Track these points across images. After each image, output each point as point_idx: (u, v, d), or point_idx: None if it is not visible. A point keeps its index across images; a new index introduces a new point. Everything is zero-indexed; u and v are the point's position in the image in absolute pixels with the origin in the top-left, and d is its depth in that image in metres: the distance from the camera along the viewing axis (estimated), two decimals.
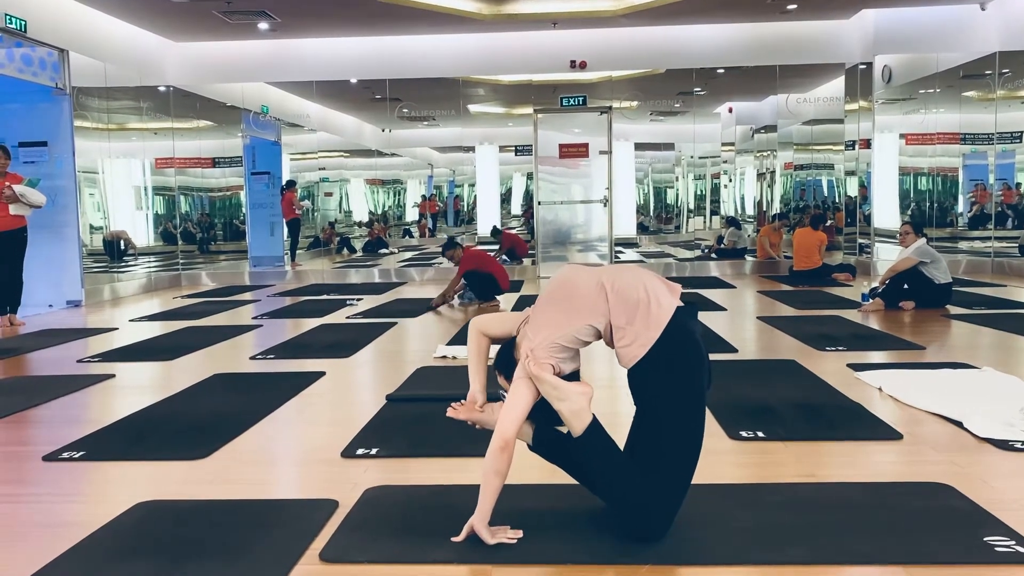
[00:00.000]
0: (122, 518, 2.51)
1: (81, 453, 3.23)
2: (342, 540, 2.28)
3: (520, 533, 2.24)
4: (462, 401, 2.40)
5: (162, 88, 10.89)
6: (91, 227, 9.41)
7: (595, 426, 2.20)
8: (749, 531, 2.29)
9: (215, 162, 11.68)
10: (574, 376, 2.28)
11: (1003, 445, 3.04)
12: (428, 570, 2.11)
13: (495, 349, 2.44)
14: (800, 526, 2.32)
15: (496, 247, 11.36)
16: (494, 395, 2.45)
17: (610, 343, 2.26)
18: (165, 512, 2.56)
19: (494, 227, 11.93)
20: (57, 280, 8.84)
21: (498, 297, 8.04)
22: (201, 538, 2.34)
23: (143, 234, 10.74)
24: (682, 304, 2.25)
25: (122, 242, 10.07)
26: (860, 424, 3.41)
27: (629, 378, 2.25)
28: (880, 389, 3.99)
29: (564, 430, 2.27)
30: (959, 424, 3.31)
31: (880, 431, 3.30)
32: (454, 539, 2.22)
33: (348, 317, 7.24)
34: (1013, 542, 2.17)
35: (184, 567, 2.13)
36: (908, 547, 2.16)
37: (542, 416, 2.29)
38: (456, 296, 7.92)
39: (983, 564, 2.07)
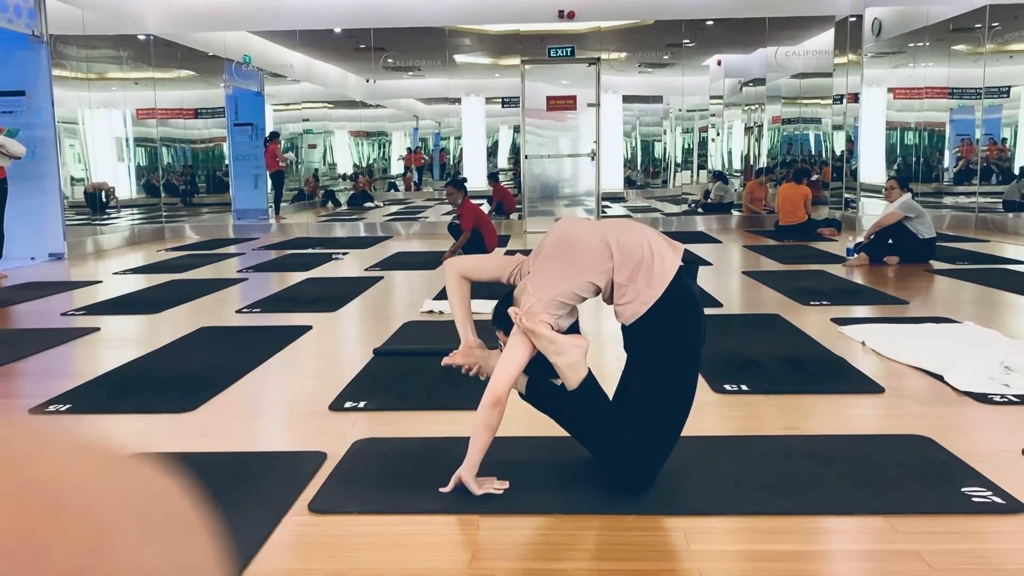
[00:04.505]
0: None
1: (68, 406, 3.23)
2: (331, 491, 2.31)
3: (507, 484, 2.26)
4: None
5: (142, 37, 10.66)
6: (72, 179, 9.28)
7: (590, 380, 2.22)
8: (733, 482, 2.32)
9: (197, 113, 11.50)
10: (573, 328, 2.29)
11: (982, 398, 3.09)
12: (416, 520, 2.14)
13: (479, 305, 2.44)
14: (783, 478, 2.36)
15: (486, 199, 11.28)
16: (490, 347, 2.46)
17: (608, 300, 2.27)
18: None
19: (492, 173, 11.81)
20: (39, 232, 8.73)
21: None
22: (189, 490, 2.35)
23: (125, 186, 10.60)
24: (683, 263, 2.25)
25: (104, 194, 9.94)
26: (843, 378, 3.45)
27: (625, 334, 2.26)
28: (863, 343, 4.03)
29: (558, 383, 2.29)
30: (940, 378, 3.35)
31: (862, 384, 3.34)
32: (442, 490, 2.24)
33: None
34: (990, 492, 2.21)
35: None
36: (888, 498, 2.21)
37: (537, 369, 2.30)
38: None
39: (961, 514, 2.11)
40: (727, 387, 3.28)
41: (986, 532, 2.04)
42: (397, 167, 12.89)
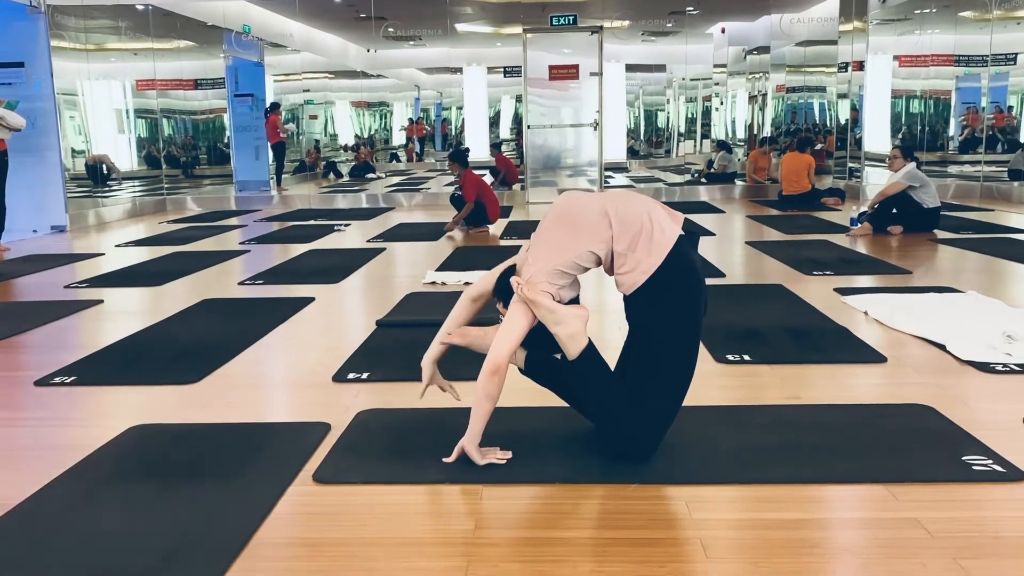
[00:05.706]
0: (116, 441, 2.53)
1: (73, 378, 3.25)
2: (335, 462, 2.32)
3: (510, 454, 2.28)
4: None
5: (140, 7, 10.55)
6: (73, 151, 9.24)
7: (590, 349, 2.22)
8: (734, 451, 2.34)
9: (197, 84, 11.42)
10: (574, 302, 2.29)
11: (984, 367, 3.09)
12: (419, 490, 2.15)
13: (473, 276, 2.43)
14: (784, 447, 2.37)
15: (488, 169, 11.23)
16: (492, 319, 2.46)
17: (609, 270, 2.27)
18: (159, 435, 2.59)
19: (494, 143, 11.75)
20: (40, 205, 8.71)
21: (489, 226, 7.99)
22: (195, 461, 2.37)
23: (126, 158, 10.56)
24: (683, 233, 2.24)
25: (105, 166, 9.91)
26: (845, 347, 3.46)
27: (626, 304, 2.26)
28: (866, 313, 4.03)
29: (558, 354, 2.29)
30: (942, 347, 3.36)
31: (864, 354, 3.34)
32: (445, 460, 2.26)
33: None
34: (990, 461, 2.23)
35: (179, 489, 2.17)
36: (889, 466, 2.22)
37: (537, 342, 2.30)
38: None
39: (961, 482, 2.13)
40: (729, 357, 3.29)
41: (986, 500, 2.05)
42: (399, 137, 12.84)
